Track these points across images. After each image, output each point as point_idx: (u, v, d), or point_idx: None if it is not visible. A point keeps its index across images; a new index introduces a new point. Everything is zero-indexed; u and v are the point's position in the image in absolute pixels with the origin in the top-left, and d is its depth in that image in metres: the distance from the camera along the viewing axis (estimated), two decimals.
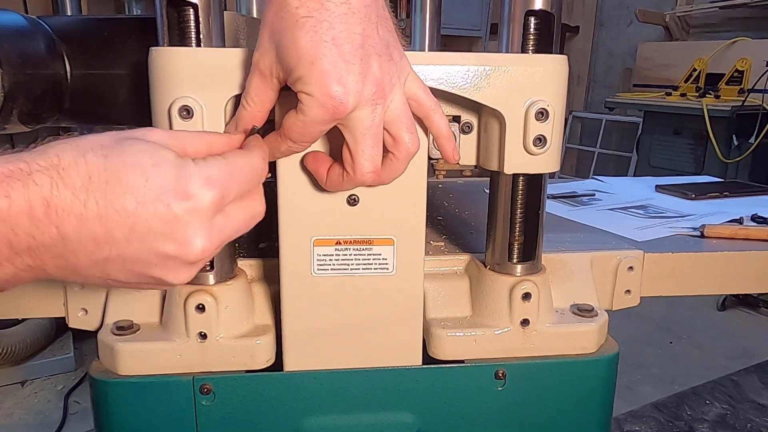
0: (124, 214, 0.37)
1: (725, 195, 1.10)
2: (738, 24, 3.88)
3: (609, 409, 0.66)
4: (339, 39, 0.43)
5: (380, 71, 0.45)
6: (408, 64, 0.49)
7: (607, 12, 4.83)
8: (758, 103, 3.10)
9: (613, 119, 4.59)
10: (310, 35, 0.42)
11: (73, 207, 0.36)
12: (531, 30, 0.56)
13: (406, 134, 0.48)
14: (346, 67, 0.43)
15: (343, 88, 0.43)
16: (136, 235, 0.37)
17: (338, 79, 0.43)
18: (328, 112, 0.44)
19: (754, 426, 1.77)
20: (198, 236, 0.39)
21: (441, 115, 0.52)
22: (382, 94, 0.45)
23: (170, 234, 0.38)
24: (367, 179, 0.48)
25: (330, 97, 0.43)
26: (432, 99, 0.51)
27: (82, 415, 2.09)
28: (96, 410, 0.59)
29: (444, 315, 0.62)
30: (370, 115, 0.46)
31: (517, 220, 0.60)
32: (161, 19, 0.52)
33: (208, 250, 0.40)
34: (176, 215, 0.38)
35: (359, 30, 0.44)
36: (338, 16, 0.43)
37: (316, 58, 0.42)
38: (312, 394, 0.60)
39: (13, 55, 0.58)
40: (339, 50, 0.43)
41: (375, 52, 0.45)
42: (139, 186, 0.37)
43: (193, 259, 0.40)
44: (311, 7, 0.43)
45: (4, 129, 0.61)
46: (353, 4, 0.43)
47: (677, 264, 0.74)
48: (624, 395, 2.20)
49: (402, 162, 0.49)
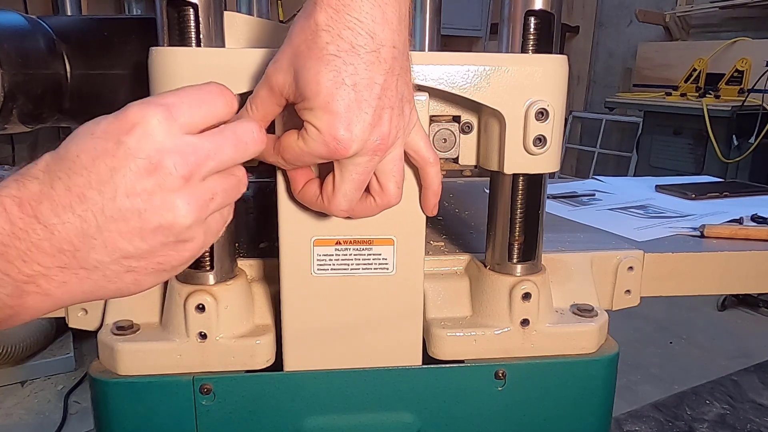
0: (86, 174, 0.36)
1: (725, 195, 1.10)
2: (738, 24, 3.88)
3: (609, 409, 0.66)
4: (360, 86, 0.43)
5: (389, 125, 0.45)
6: (416, 115, 0.49)
7: (607, 12, 4.83)
8: (758, 103, 3.10)
9: (613, 119, 4.59)
10: (333, 74, 0.42)
11: (42, 192, 0.36)
12: (531, 30, 0.56)
13: (393, 186, 0.49)
14: (359, 114, 0.43)
15: (350, 135, 0.43)
16: (107, 186, 0.37)
17: (348, 124, 0.43)
18: (329, 151, 0.44)
19: (754, 426, 1.77)
20: (167, 157, 0.38)
21: (437, 171, 0.53)
22: (384, 147, 0.46)
23: (138, 168, 0.37)
24: (338, 214, 0.50)
25: (335, 139, 0.43)
26: (431, 152, 0.52)
27: (82, 415, 2.09)
28: (96, 410, 0.59)
29: (444, 315, 0.62)
30: (365, 164, 0.46)
31: (517, 220, 0.60)
32: (161, 19, 0.52)
33: (186, 168, 0.38)
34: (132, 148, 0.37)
35: (381, 80, 0.44)
36: (365, 63, 0.43)
37: (332, 98, 0.43)
38: (312, 394, 0.60)
39: (13, 55, 0.58)
40: (357, 96, 0.43)
41: (389, 105, 0.45)
42: (87, 141, 0.37)
43: (176, 184, 0.38)
44: (341, 47, 0.42)
45: (4, 129, 0.61)
46: (382, 53, 0.43)
47: (677, 264, 0.74)
48: (624, 395, 2.20)
49: (379, 209, 0.51)
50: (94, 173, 0.37)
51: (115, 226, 0.37)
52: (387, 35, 0.43)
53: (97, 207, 0.37)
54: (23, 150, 3.27)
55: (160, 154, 0.37)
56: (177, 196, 0.38)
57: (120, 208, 0.37)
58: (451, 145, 0.59)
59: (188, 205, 0.39)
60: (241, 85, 0.51)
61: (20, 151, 3.25)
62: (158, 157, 0.37)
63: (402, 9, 0.44)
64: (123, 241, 0.38)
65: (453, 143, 0.58)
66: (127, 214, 0.37)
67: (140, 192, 0.37)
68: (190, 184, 0.39)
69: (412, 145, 0.51)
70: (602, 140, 4.71)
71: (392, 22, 0.44)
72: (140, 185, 0.37)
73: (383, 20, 0.43)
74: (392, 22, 0.44)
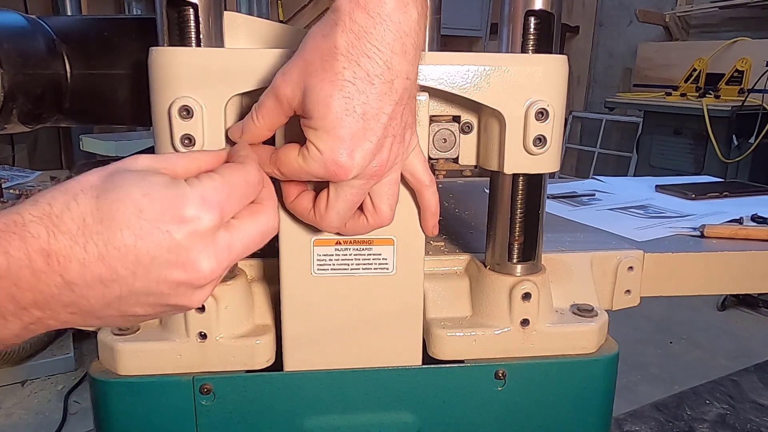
0: (125, 250, 0.36)
1: (725, 195, 1.10)
2: (738, 24, 3.88)
3: (609, 409, 0.66)
4: (368, 115, 0.43)
5: (388, 153, 0.46)
6: (416, 139, 0.50)
7: (607, 12, 4.83)
8: (758, 103, 3.10)
9: (613, 119, 4.59)
10: (344, 101, 0.42)
11: (73, 252, 0.35)
12: (531, 30, 0.56)
13: (387, 208, 0.50)
14: (363, 143, 0.43)
15: (352, 162, 0.44)
16: (142, 269, 0.37)
17: (351, 151, 0.43)
18: (328, 173, 0.44)
19: (754, 426, 1.77)
20: (203, 258, 0.38)
21: (433, 192, 0.53)
22: (381, 173, 0.46)
23: (175, 261, 0.37)
24: (329, 230, 0.50)
25: (336, 163, 0.43)
26: (428, 175, 0.52)
27: (82, 415, 2.09)
28: (96, 410, 0.59)
29: (444, 315, 0.62)
30: (360, 186, 0.46)
31: (517, 220, 0.60)
32: (161, 19, 0.52)
33: (216, 270, 0.39)
34: (177, 241, 0.37)
35: (389, 111, 0.44)
36: (377, 93, 0.43)
37: (340, 124, 0.43)
38: (312, 394, 0.60)
39: (13, 55, 0.58)
40: (364, 125, 0.43)
41: (392, 133, 0.45)
42: (134, 219, 0.36)
43: (203, 282, 0.39)
44: (357, 75, 0.42)
45: (4, 129, 0.61)
46: (395, 84, 0.44)
47: (677, 264, 0.74)
48: (624, 395, 2.20)
49: (371, 228, 0.51)
50: (133, 254, 0.36)
51: (136, 300, 0.38)
52: (403, 67, 0.44)
53: (126, 285, 0.37)
54: (23, 150, 3.27)
55: (199, 254, 0.38)
56: (200, 291, 0.40)
57: (147, 290, 0.38)
58: (451, 145, 0.59)
59: (206, 293, 0.41)
60: (241, 85, 0.51)
61: (20, 151, 3.25)
62: (196, 257, 0.38)
63: (419, 39, 0.44)
64: (138, 309, 0.39)
65: (453, 143, 0.58)
66: (150, 297, 0.38)
67: (170, 282, 0.38)
68: (215, 277, 0.40)
69: (409, 168, 0.51)
70: (602, 140, 4.71)
71: (409, 53, 0.44)
72: (172, 276, 0.38)
73: (402, 51, 0.43)
74: (409, 53, 0.44)
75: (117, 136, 2.96)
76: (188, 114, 0.51)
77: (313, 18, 2.93)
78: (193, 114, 0.51)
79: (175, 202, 0.37)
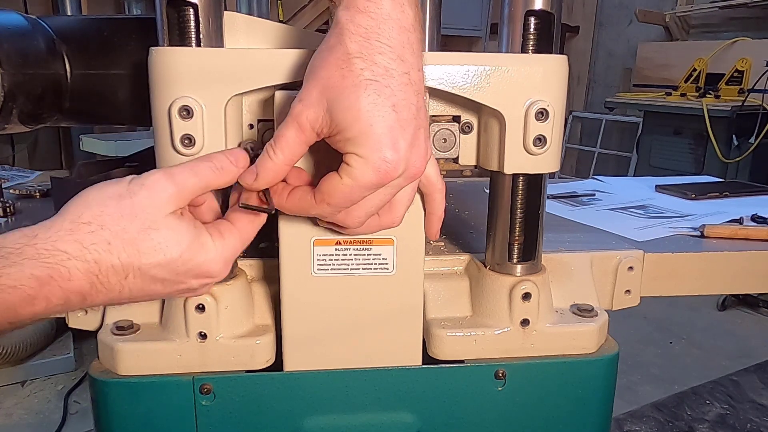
0: (155, 294, 0.47)
1: (725, 195, 1.10)
2: (738, 24, 3.88)
3: (609, 409, 0.66)
4: (399, 106, 0.43)
5: (425, 144, 0.46)
6: (429, 142, 0.50)
7: (607, 12, 4.83)
8: (758, 103, 3.10)
9: (613, 119, 4.59)
10: (372, 98, 0.42)
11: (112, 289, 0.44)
12: (531, 30, 0.56)
13: (402, 210, 0.50)
14: (402, 134, 0.43)
15: (397, 155, 0.43)
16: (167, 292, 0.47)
17: (393, 144, 0.43)
18: (380, 175, 0.43)
19: (754, 426, 1.77)
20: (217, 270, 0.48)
21: (442, 198, 0.54)
22: (421, 171, 0.46)
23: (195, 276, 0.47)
24: (351, 225, 0.49)
25: (384, 161, 0.43)
26: (440, 179, 0.53)
27: (82, 415, 2.09)
28: (96, 410, 0.59)
29: (444, 315, 0.62)
30: (398, 185, 0.46)
31: (517, 220, 0.60)
32: (161, 19, 0.52)
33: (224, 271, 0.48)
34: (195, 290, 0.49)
35: (415, 101, 0.44)
36: (400, 85, 0.43)
37: (374, 121, 0.42)
38: (312, 394, 0.60)
39: (13, 55, 0.58)
40: (398, 116, 0.43)
41: (422, 125, 0.45)
42: (167, 278, 0.45)
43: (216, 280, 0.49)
44: (377, 72, 0.43)
45: (4, 129, 0.61)
46: (412, 76, 0.44)
47: (677, 264, 0.74)
48: (624, 395, 2.20)
49: (380, 228, 0.51)
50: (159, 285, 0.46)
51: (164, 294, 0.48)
52: (414, 59, 0.44)
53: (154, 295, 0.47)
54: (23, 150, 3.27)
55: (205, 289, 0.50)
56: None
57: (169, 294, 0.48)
58: (451, 145, 0.58)
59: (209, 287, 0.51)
60: (241, 85, 0.51)
61: (20, 151, 3.25)
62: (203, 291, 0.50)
63: (419, 35, 0.45)
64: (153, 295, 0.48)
65: (453, 143, 0.58)
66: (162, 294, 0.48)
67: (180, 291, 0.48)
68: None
69: (425, 173, 0.50)
70: (602, 140, 4.71)
71: (415, 45, 0.44)
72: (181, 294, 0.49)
73: (409, 44, 0.44)
74: (415, 46, 0.44)
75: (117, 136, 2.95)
76: (188, 114, 0.51)
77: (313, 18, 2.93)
78: (193, 114, 0.51)
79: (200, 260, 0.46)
